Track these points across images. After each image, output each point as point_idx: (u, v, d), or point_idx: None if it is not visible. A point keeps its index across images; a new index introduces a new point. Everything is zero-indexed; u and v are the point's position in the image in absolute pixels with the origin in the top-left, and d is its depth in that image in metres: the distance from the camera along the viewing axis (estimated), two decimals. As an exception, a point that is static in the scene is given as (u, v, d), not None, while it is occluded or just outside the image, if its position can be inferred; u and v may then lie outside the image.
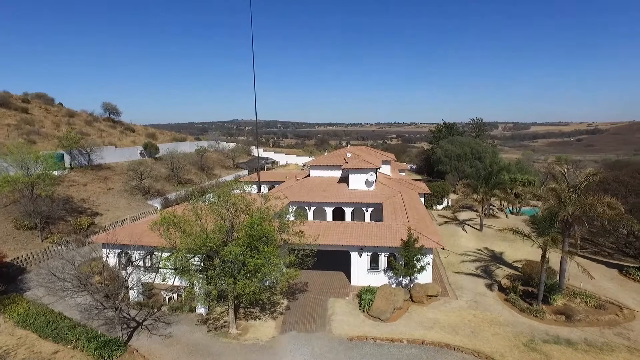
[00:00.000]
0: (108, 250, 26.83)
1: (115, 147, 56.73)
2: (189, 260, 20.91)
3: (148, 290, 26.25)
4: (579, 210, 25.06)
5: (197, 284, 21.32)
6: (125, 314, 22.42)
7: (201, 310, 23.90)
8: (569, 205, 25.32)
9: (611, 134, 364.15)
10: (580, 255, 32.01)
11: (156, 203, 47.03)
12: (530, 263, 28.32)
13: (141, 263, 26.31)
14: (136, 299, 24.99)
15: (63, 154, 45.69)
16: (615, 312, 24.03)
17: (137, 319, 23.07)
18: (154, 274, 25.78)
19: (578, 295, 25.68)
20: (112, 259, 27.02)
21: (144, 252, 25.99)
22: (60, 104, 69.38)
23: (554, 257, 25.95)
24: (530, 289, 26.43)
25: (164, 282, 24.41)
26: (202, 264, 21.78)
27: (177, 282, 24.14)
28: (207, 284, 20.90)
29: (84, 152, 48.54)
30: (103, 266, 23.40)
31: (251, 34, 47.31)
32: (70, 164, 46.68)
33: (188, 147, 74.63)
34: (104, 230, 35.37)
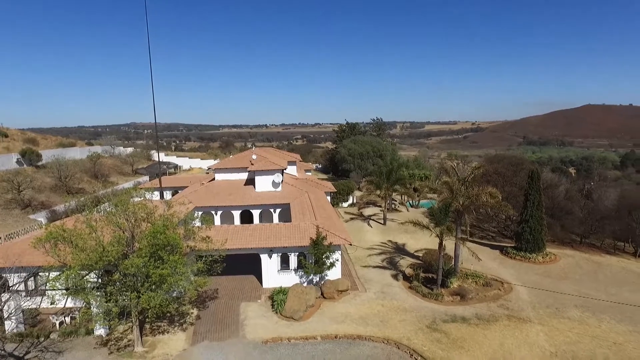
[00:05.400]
0: (-26, 277, 22.93)
1: (-17, 155, 49.06)
2: (83, 277, 19.00)
3: (32, 317, 23.13)
4: (468, 200, 28.26)
5: (94, 302, 19.46)
6: None
7: (100, 331, 21.80)
8: (460, 196, 28.35)
9: (490, 131, 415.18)
10: (470, 241, 35.90)
11: (40, 217, 41.74)
12: (429, 251, 31.03)
13: (22, 287, 23.10)
14: (15, 330, 21.83)
15: None
16: (498, 287, 27.63)
17: (16, 353, 19.97)
18: (39, 297, 22.82)
19: (470, 276, 28.89)
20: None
21: (24, 274, 22.83)
22: None
23: (450, 244, 28.72)
24: (430, 275, 28.92)
25: (52, 306, 21.78)
26: (99, 280, 19.97)
27: (69, 304, 21.74)
28: (106, 302, 19.23)
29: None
30: (-34, 297, 19.96)
31: (146, 27, 43.53)
32: None
33: (78, 153, 67.63)
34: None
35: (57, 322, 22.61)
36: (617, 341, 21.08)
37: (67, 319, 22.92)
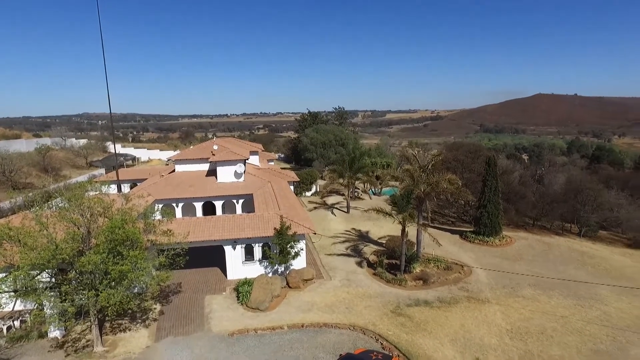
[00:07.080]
0: None
1: None
2: (34, 277, 17.98)
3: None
4: (429, 187, 28.99)
5: (47, 303, 18.48)
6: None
7: (55, 333, 20.73)
8: (421, 183, 29.05)
9: (449, 119, 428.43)
10: (431, 226, 36.93)
11: (-18, 215, 39.02)
12: (392, 238, 31.69)
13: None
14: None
15: None
16: (458, 270, 28.70)
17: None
18: None
19: (432, 261, 29.79)
20: None
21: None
22: None
23: (412, 230, 29.39)
24: (394, 261, 29.58)
25: (-1, 310, 20.43)
26: (52, 279, 18.95)
27: (18, 307, 20.52)
28: (61, 302, 18.29)
29: None
30: None
31: (97, 12, 40.82)
32: None
33: (25, 145, 63.71)
34: None
35: (5, 327, 21.21)
36: (564, 315, 22.64)
37: (16, 323, 21.57)
